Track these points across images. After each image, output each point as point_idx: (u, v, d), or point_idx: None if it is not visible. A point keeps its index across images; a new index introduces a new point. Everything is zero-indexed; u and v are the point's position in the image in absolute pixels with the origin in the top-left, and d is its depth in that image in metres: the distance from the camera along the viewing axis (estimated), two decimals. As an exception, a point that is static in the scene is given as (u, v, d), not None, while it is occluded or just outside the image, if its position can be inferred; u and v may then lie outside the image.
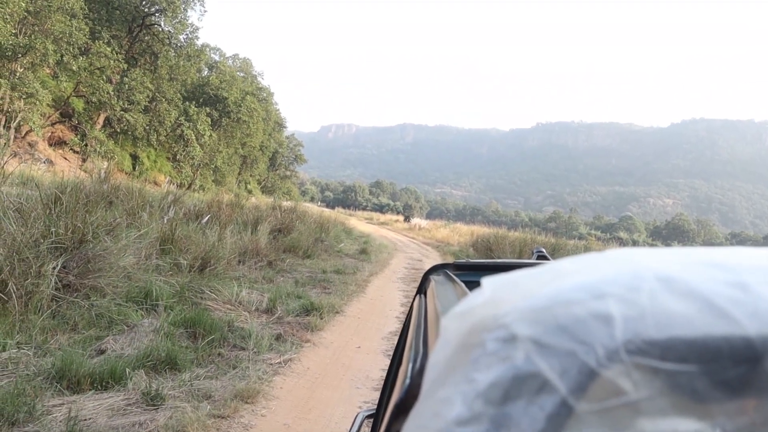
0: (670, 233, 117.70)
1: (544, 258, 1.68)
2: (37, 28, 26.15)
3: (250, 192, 49.39)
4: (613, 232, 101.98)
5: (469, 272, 1.47)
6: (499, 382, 0.35)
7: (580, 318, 0.35)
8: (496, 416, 0.34)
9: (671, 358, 0.32)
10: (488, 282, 0.45)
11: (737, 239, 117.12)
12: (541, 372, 0.34)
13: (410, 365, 0.69)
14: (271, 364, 5.01)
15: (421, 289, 1.35)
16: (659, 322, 0.33)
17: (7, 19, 23.62)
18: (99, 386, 3.86)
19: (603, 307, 0.35)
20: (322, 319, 6.82)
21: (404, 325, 1.49)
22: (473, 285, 1.40)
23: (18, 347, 4.15)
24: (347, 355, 5.80)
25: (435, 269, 1.46)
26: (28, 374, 3.81)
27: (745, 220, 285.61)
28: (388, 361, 5.68)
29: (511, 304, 0.39)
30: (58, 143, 32.11)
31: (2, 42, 23.78)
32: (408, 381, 0.63)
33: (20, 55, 25.10)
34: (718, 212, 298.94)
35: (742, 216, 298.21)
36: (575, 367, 0.33)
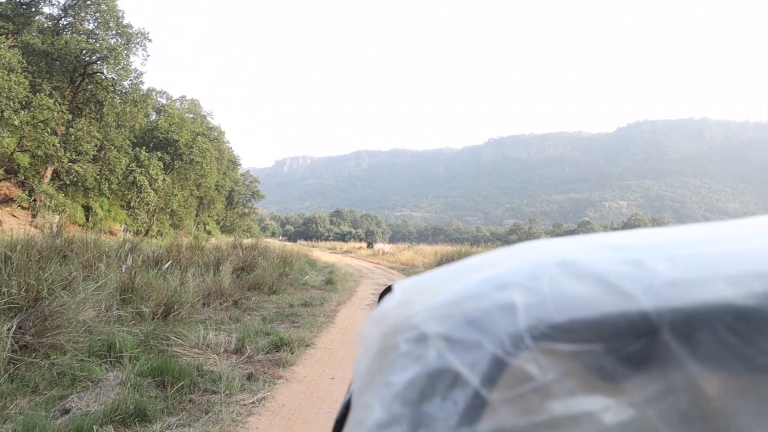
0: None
1: None
2: (-26, 86, 25.51)
3: (209, 233, 48.67)
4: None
5: None
6: (414, 381, 0.35)
7: (486, 310, 0.36)
8: (414, 416, 0.34)
9: (574, 339, 0.33)
10: (399, 285, 0.46)
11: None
12: (453, 367, 0.34)
13: (351, 382, 0.69)
14: (245, 405, 4.90)
15: None
16: (560, 305, 0.34)
17: (-59, 79, 22.98)
18: (66, 448, 3.70)
19: (506, 297, 0.36)
20: (293, 353, 6.73)
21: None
22: None
23: (-24, 416, 3.97)
24: (322, 387, 5.72)
25: (389, 290, 1.46)
26: (-12, 443, 3.64)
27: (697, 215, 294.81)
28: (363, 389, 5.66)
29: (420, 304, 0.40)
30: (4, 201, 31.14)
31: (-62, 103, 23.10)
32: (347, 396, 0.63)
33: (-42, 115, 24.41)
34: (670, 209, 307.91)
35: (693, 210, 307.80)
36: (484, 358, 0.34)
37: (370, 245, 53.98)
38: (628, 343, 0.32)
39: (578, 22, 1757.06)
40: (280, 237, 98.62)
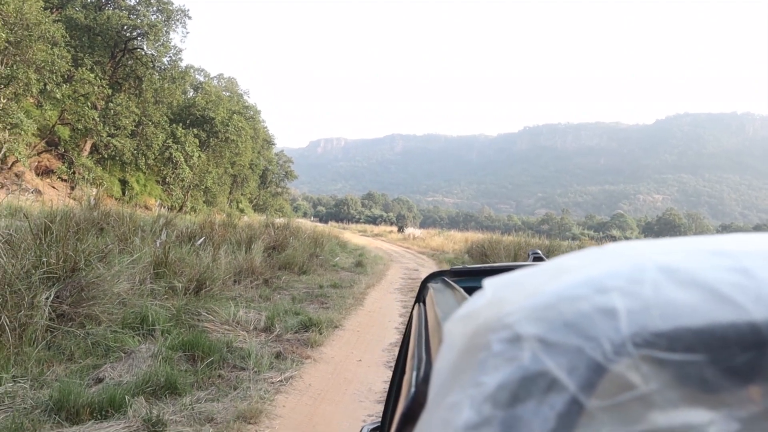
0: (661, 228, 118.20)
1: (540, 260, 1.66)
2: (18, 58, 26.05)
3: (242, 211, 49.25)
4: (605, 231, 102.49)
5: (467, 278, 1.45)
6: (507, 383, 0.34)
7: (585, 313, 0.34)
8: (506, 419, 0.33)
9: (679, 348, 0.32)
10: (490, 283, 0.44)
11: (728, 231, 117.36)
12: (549, 370, 0.33)
13: (414, 373, 0.66)
14: (273, 383, 4.95)
15: (420, 298, 1.32)
16: (664, 312, 0.33)
17: (-12, 50, 23.57)
18: (99, 416, 3.79)
19: (607, 301, 0.35)
20: (321, 334, 6.77)
21: (404, 335, 1.46)
22: (472, 290, 1.38)
23: (14, 381, 4.08)
24: (348, 369, 5.75)
25: (432, 276, 1.44)
26: (25, 408, 3.74)
27: (734, 212, 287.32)
28: (389, 373, 5.63)
29: (514, 303, 0.39)
30: (45, 172, 31.93)
31: (-16, 74, 23.72)
32: (413, 390, 0.61)
33: (2, 86, 24.99)
34: (707, 205, 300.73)
35: (731, 207, 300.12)
36: (583, 363, 0.33)
37: (400, 229, 53.95)
38: (735, 355, 0.31)
39: (621, 11, 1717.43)
40: (312, 218, 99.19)
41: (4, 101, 25.52)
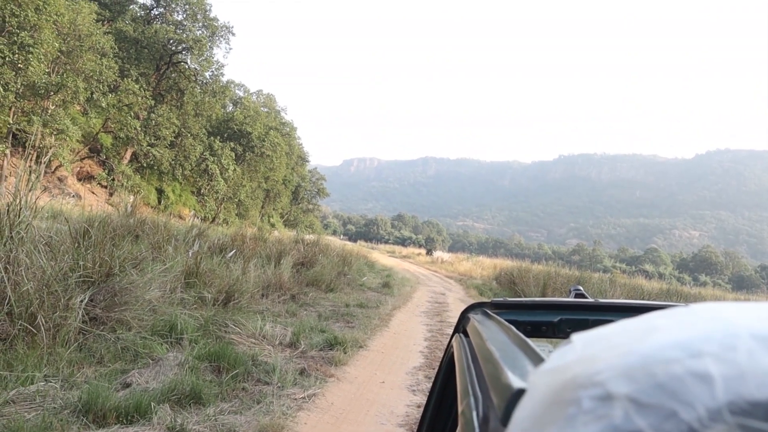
0: (697, 266, 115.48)
1: (582, 296, 1.66)
2: (69, 67, 26.97)
3: (272, 225, 49.69)
4: (638, 265, 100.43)
5: (507, 311, 1.46)
6: None
7: (679, 376, 0.34)
8: None
9: None
10: (578, 338, 0.44)
11: (767, 271, 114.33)
12: (642, 431, 0.33)
13: (473, 413, 0.67)
14: (295, 399, 4.96)
15: (460, 328, 1.33)
16: (760, 382, 0.32)
17: (41, 59, 24.42)
18: (124, 420, 3.84)
19: (701, 366, 0.34)
20: (345, 353, 6.77)
21: (441, 364, 1.46)
22: (512, 324, 1.39)
23: (45, 380, 4.18)
24: (371, 390, 5.73)
25: (473, 308, 1.44)
26: (55, 407, 3.82)
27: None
28: (412, 397, 5.60)
29: (605, 361, 0.38)
30: (86, 178, 32.81)
31: (36, 81, 24.56)
32: (477, 431, 0.62)
33: (52, 93, 25.85)
34: (746, 244, 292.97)
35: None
36: (677, 427, 0.32)
37: (429, 252, 53.82)
38: None
39: (663, 45, 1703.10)
40: (341, 236, 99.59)
41: (53, 108, 26.38)
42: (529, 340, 0.83)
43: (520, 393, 0.49)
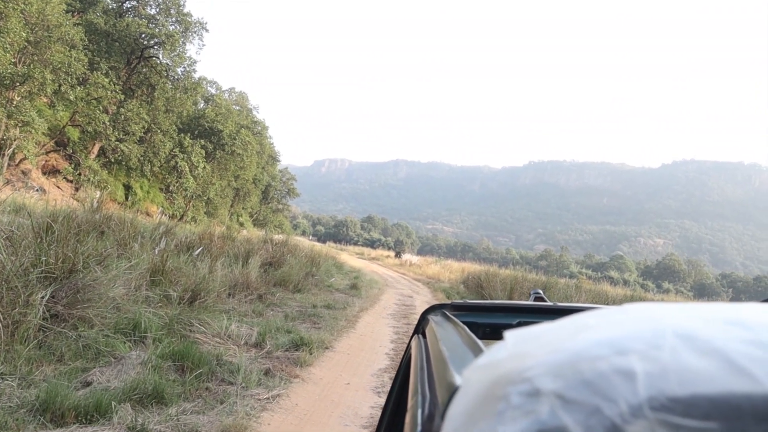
0: (660, 273, 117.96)
1: (542, 300, 1.70)
2: (36, 58, 26.38)
3: (241, 224, 49.30)
4: (604, 271, 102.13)
5: (467, 313, 1.49)
6: None
7: (604, 373, 0.35)
8: None
9: (694, 415, 0.32)
10: (511, 335, 0.45)
11: (728, 280, 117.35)
12: (567, 427, 0.33)
13: (419, 411, 0.70)
14: (259, 400, 4.95)
15: (419, 329, 1.35)
16: (682, 378, 0.33)
17: (7, 48, 23.84)
18: (84, 420, 3.79)
19: (626, 363, 0.35)
20: (311, 354, 6.76)
21: (400, 365, 1.49)
22: (471, 326, 1.41)
23: (2, 378, 4.09)
24: (336, 391, 5.74)
25: (432, 309, 1.47)
26: (11, 406, 3.74)
27: (735, 261, 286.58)
28: (377, 399, 5.63)
29: (535, 358, 0.39)
30: (51, 172, 32.10)
31: (1, 71, 23.97)
32: (419, 429, 0.64)
33: (18, 84, 25.26)
34: (708, 253, 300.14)
35: (732, 257, 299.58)
36: (600, 422, 0.33)
37: (398, 255, 53.87)
38: (749, 426, 0.31)
39: (633, 55, 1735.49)
40: (311, 236, 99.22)
41: (18, 99, 25.77)
42: (480, 342, 0.86)
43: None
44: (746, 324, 0.38)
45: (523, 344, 0.43)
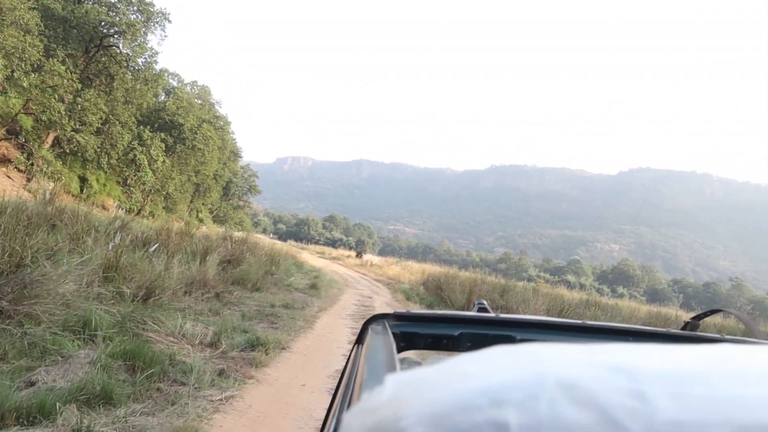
0: (616, 278, 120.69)
1: (485, 310, 1.70)
2: (-12, 43, 25.47)
3: (201, 221, 48.53)
4: (561, 275, 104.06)
5: (409, 323, 1.47)
6: None
7: (478, 425, 0.34)
8: None
9: None
10: (392, 380, 0.44)
11: (679, 286, 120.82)
12: None
13: (333, 420, 0.67)
14: (212, 401, 4.85)
15: (360, 339, 1.33)
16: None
17: (-44, 31, 22.98)
18: (25, 421, 3.65)
19: (501, 415, 0.35)
20: (267, 355, 6.68)
21: (341, 374, 1.47)
22: (413, 336, 1.40)
23: (-60, 376, 3.92)
24: (291, 393, 5.67)
25: (374, 319, 1.44)
26: (-52, 406, 3.58)
27: (686, 268, 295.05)
28: (333, 401, 5.60)
29: (411, 406, 0.38)
30: (1, 161, 30.99)
31: (-50, 54, 23.09)
32: None
33: (-32, 69, 24.36)
34: (661, 259, 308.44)
35: (684, 263, 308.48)
36: None
37: (359, 255, 53.85)
38: None
39: (592, 62, 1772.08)
40: (271, 234, 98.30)
41: (-33, 84, 24.83)
42: (397, 356, 0.83)
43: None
44: (630, 371, 0.38)
45: (403, 389, 0.42)
